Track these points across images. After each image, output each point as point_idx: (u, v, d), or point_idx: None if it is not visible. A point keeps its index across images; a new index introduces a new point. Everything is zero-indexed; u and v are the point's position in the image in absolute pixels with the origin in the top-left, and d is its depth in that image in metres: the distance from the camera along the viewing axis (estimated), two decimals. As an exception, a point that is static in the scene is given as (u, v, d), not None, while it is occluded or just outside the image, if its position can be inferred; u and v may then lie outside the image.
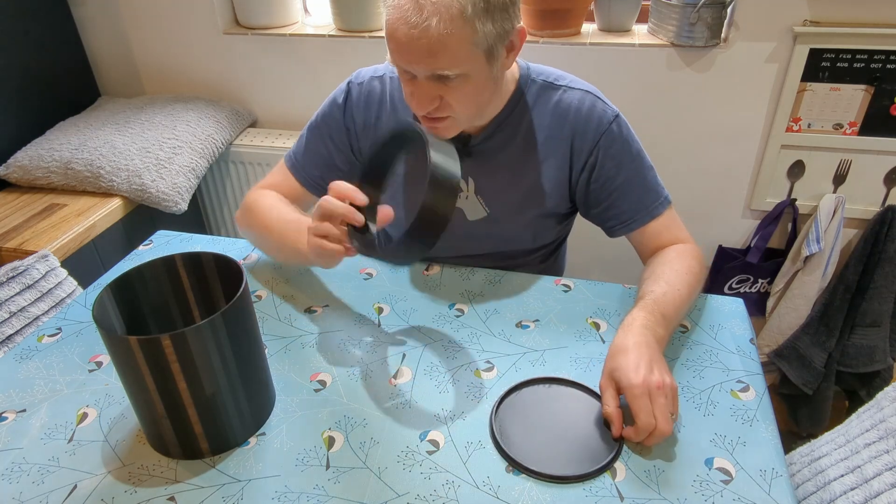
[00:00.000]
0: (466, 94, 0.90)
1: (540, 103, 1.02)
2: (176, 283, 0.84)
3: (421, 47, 0.82)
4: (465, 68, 0.86)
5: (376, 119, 1.09)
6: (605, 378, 0.81)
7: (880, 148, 1.62)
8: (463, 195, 1.07)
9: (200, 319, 0.81)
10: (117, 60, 2.08)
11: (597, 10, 1.73)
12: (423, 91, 0.89)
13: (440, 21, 0.81)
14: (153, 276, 0.82)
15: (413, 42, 0.82)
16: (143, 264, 0.80)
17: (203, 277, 0.84)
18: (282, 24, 1.92)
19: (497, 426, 0.80)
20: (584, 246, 1.64)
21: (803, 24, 1.52)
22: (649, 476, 0.74)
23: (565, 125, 1.01)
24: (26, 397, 0.87)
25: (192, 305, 0.86)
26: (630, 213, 1.03)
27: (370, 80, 1.10)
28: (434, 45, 0.82)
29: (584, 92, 1.02)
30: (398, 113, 1.07)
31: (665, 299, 0.89)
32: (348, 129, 1.10)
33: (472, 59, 0.86)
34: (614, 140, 1.00)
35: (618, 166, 1.01)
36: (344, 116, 1.10)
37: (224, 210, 2.12)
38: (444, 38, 0.81)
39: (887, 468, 0.77)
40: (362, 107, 1.09)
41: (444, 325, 0.98)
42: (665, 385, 0.76)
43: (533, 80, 1.02)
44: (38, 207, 1.68)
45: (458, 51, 0.83)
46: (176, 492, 0.74)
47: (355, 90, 1.10)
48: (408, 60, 0.86)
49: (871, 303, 1.70)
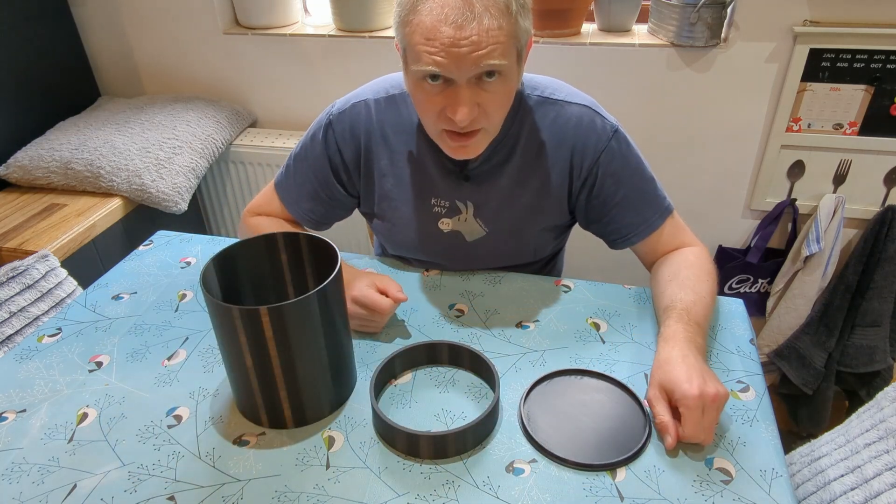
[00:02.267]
0: (502, 96, 0.89)
1: (537, 119, 1.00)
2: (275, 260, 0.88)
3: (472, 43, 0.81)
4: (508, 63, 0.85)
5: (365, 146, 1.05)
6: (655, 389, 0.79)
7: (880, 148, 1.62)
8: (462, 217, 1.05)
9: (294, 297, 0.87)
10: (117, 60, 2.08)
11: (597, 10, 1.73)
12: (465, 96, 0.85)
13: (492, 16, 0.80)
14: (254, 252, 0.86)
15: (463, 39, 0.80)
16: (245, 240, 0.85)
17: (299, 258, 0.89)
18: (282, 24, 1.92)
19: (525, 413, 0.81)
20: (584, 247, 1.64)
21: (803, 24, 1.52)
22: (649, 476, 0.74)
23: (564, 142, 0.99)
24: (26, 397, 0.87)
25: (287, 283, 0.91)
26: (630, 227, 1.02)
27: (352, 106, 1.04)
28: (487, 38, 0.81)
29: (582, 107, 1.00)
30: (388, 138, 1.04)
31: (696, 308, 0.89)
32: (334, 166, 1.07)
33: (511, 55, 0.85)
34: (614, 156, 0.99)
35: (617, 182, 1.00)
36: (327, 154, 1.06)
37: (224, 210, 2.12)
38: (497, 32, 0.81)
39: (887, 468, 0.77)
40: (348, 137, 1.04)
41: (444, 325, 0.98)
42: (720, 396, 0.75)
43: (528, 96, 1.00)
44: (38, 207, 1.68)
45: (507, 44, 0.83)
46: (176, 491, 0.74)
47: (337, 123, 1.04)
48: (455, 62, 0.82)
49: (871, 303, 1.70)
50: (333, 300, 0.78)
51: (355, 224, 1.98)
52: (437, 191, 1.04)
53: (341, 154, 1.06)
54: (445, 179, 1.03)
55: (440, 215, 1.06)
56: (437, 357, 0.90)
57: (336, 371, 0.82)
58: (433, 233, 1.07)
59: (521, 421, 0.81)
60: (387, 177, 1.06)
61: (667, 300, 0.91)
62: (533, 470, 0.75)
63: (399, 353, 0.87)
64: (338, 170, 1.07)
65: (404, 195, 1.06)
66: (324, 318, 0.76)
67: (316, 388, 0.80)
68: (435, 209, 1.05)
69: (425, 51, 0.82)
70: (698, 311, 0.88)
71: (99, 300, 1.06)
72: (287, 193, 1.12)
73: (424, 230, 1.07)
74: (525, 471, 0.75)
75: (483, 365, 0.86)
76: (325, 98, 1.12)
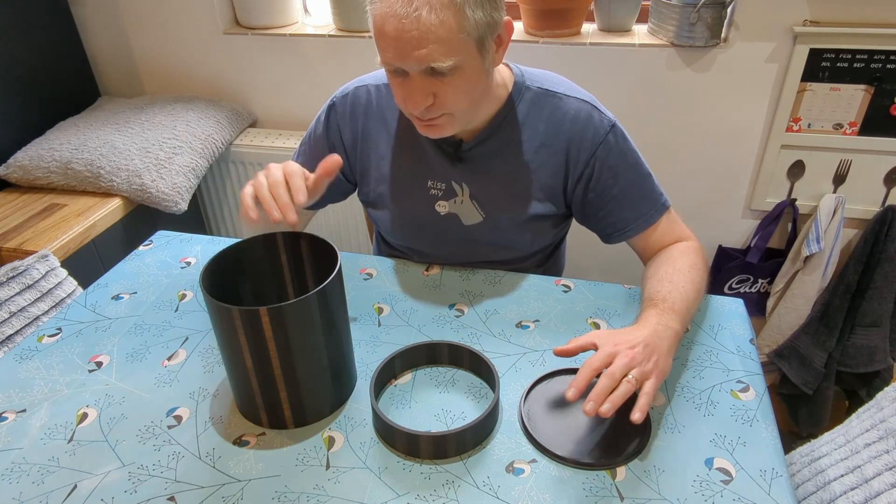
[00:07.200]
0: (461, 87, 0.88)
1: (535, 110, 1.01)
2: (275, 260, 0.88)
3: (413, 39, 0.81)
4: (459, 59, 0.84)
5: (363, 128, 1.08)
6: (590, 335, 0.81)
7: (880, 148, 1.62)
8: (458, 200, 1.06)
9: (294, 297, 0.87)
10: (117, 60, 2.08)
11: (597, 10, 1.73)
12: (416, 88, 0.87)
13: (431, 9, 0.79)
14: (254, 252, 0.86)
15: (404, 34, 0.81)
16: (243, 241, 0.85)
17: (299, 258, 0.89)
18: (282, 24, 1.92)
19: (525, 413, 0.81)
20: (584, 246, 1.64)
21: (803, 24, 1.52)
22: (649, 476, 0.74)
23: (561, 134, 1.00)
24: (26, 397, 0.87)
25: (287, 283, 0.91)
26: (626, 221, 1.03)
27: (354, 89, 1.08)
28: (427, 34, 0.80)
29: (581, 101, 1.01)
30: (387, 122, 1.06)
31: (672, 297, 0.89)
32: (333, 146, 1.10)
33: (465, 48, 0.84)
34: (611, 151, 1.00)
35: (614, 177, 1.01)
36: (328, 135, 1.09)
37: (224, 210, 2.12)
38: (437, 26, 0.80)
39: (887, 468, 0.77)
40: (348, 118, 1.08)
41: (444, 325, 0.98)
42: (635, 356, 0.75)
43: (528, 87, 1.01)
44: (38, 207, 1.68)
45: (451, 40, 0.82)
46: (176, 492, 0.74)
47: (339, 104, 1.08)
48: (400, 55, 0.83)
49: (871, 303, 1.70)
50: (333, 300, 0.78)
51: (356, 224, 1.99)
52: (433, 172, 1.05)
53: (341, 135, 1.09)
54: (440, 159, 1.04)
55: (437, 198, 1.07)
56: (437, 357, 0.90)
57: (336, 371, 0.82)
58: (430, 216, 1.08)
59: (521, 421, 0.81)
60: (384, 159, 1.08)
61: (646, 294, 0.93)
62: (533, 470, 0.75)
63: (399, 353, 0.87)
64: (336, 150, 1.10)
65: (402, 177, 1.07)
66: (324, 318, 0.76)
67: (316, 389, 0.80)
68: (432, 191, 1.07)
69: (379, 45, 0.85)
70: (675, 299, 0.89)
71: (99, 300, 1.06)
72: None
73: (422, 213, 1.08)
74: (525, 471, 0.75)
75: (483, 365, 0.86)
76: (325, 98, 1.12)
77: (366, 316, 1.00)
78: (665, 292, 0.90)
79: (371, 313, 1.01)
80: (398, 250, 1.19)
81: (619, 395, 0.73)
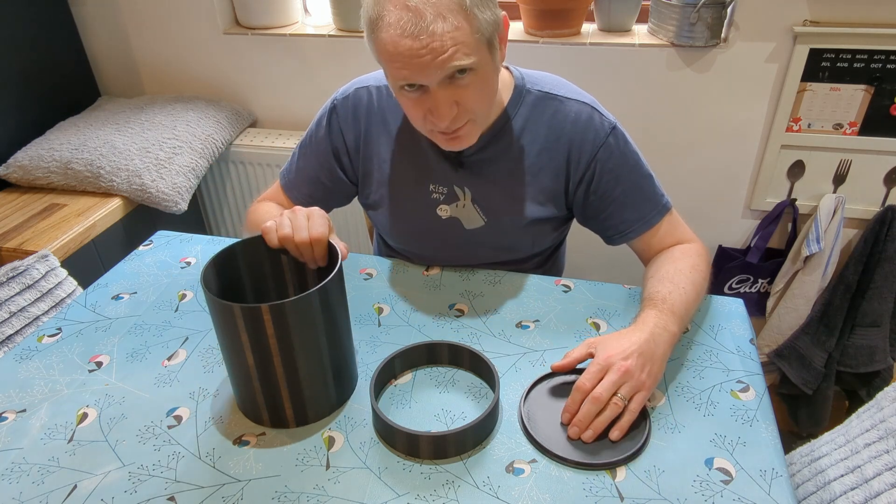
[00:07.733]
0: (480, 89, 0.89)
1: (536, 114, 1.01)
2: (275, 260, 0.88)
3: (432, 51, 0.81)
4: (475, 60, 0.85)
5: (365, 131, 1.07)
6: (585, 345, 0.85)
7: (880, 148, 1.62)
8: (460, 204, 1.06)
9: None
10: (117, 60, 2.08)
11: (597, 10, 1.73)
12: (440, 100, 0.86)
13: (443, 20, 0.80)
14: (254, 252, 0.86)
15: (422, 50, 0.81)
16: (244, 240, 0.85)
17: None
18: (282, 24, 1.92)
19: (525, 413, 0.82)
20: (584, 246, 1.64)
21: (803, 24, 1.52)
22: (649, 476, 0.74)
23: (562, 137, 1.00)
24: (26, 397, 0.87)
25: (288, 283, 0.91)
26: (627, 223, 1.03)
27: (355, 91, 1.07)
28: (445, 42, 0.81)
29: (582, 103, 1.01)
30: (388, 124, 1.06)
31: (672, 297, 0.89)
32: (335, 149, 1.09)
33: (479, 49, 0.85)
34: (612, 153, 1.00)
35: (615, 179, 1.00)
36: (330, 137, 1.09)
37: (224, 210, 2.12)
38: (452, 31, 0.81)
39: (887, 468, 0.77)
40: (350, 121, 1.07)
41: (444, 325, 0.98)
42: (628, 371, 0.79)
43: (528, 91, 1.01)
44: (38, 207, 1.68)
45: (468, 41, 0.83)
46: (176, 492, 0.74)
47: (340, 107, 1.08)
48: (419, 70, 0.83)
49: (871, 303, 1.70)
50: (334, 299, 0.78)
51: (356, 224, 1.99)
52: (435, 176, 1.05)
53: (343, 137, 1.09)
54: (442, 164, 1.04)
55: (438, 202, 1.06)
56: (437, 357, 0.90)
57: (337, 370, 0.82)
58: (432, 219, 1.08)
59: (521, 421, 0.81)
60: (386, 162, 1.07)
61: (646, 293, 0.93)
62: (533, 470, 0.75)
63: (399, 353, 0.87)
64: (339, 153, 1.10)
65: (403, 180, 1.07)
66: (325, 316, 0.77)
67: (318, 387, 0.81)
68: (433, 195, 1.06)
69: (393, 66, 0.85)
70: (675, 300, 0.89)
71: (99, 300, 1.06)
72: (288, 179, 1.14)
73: (423, 216, 1.08)
74: (525, 471, 0.75)
75: (483, 365, 0.86)
76: (324, 98, 1.12)
77: (366, 316, 1.00)
78: (665, 292, 0.90)
79: (371, 313, 1.01)
80: (398, 251, 1.19)
81: (602, 421, 0.78)
